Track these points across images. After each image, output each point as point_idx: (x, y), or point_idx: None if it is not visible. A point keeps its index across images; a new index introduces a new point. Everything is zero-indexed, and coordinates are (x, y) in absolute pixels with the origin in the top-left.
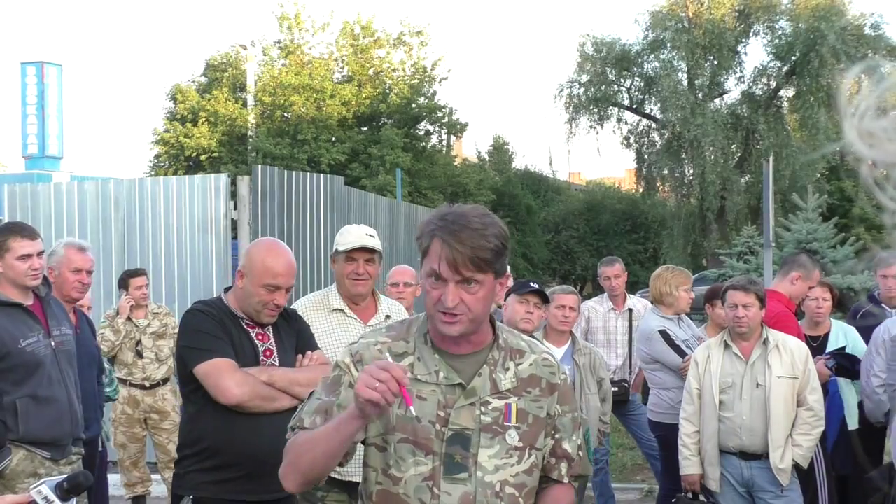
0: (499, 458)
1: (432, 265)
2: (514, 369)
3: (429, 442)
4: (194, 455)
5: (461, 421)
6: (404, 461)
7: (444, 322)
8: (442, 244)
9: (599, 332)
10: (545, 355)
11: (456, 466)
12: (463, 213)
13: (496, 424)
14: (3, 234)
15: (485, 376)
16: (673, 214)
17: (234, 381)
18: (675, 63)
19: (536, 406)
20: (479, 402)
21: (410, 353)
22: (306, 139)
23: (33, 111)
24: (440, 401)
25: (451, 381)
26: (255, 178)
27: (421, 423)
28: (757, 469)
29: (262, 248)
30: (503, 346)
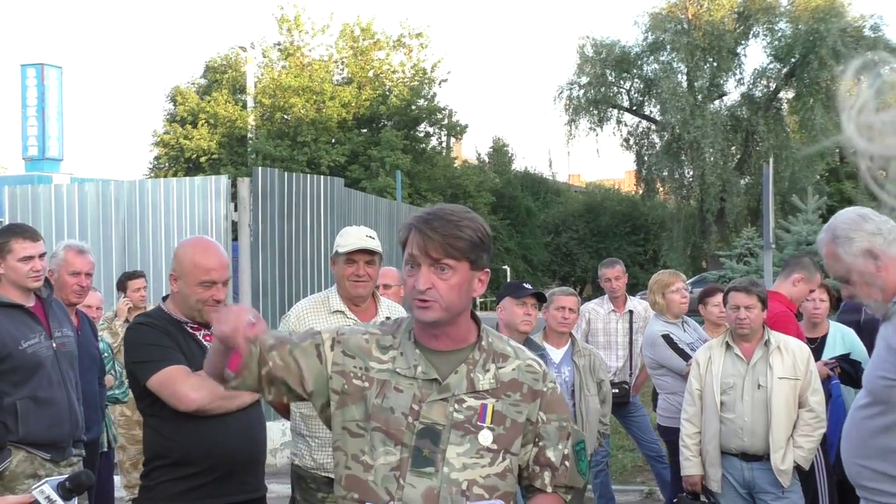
0: (468, 457)
1: (408, 251)
2: (494, 371)
3: (399, 433)
4: (163, 467)
5: (432, 415)
6: (376, 449)
7: (419, 307)
8: (417, 232)
9: (600, 333)
10: (530, 362)
11: (423, 460)
12: (441, 208)
13: (468, 423)
14: (4, 236)
15: (461, 374)
16: (673, 216)
17: (189, 386)
18: (674, 65)
19: (515, 410)
20: (454, 398)
21: (395, 347)
22: (306, 141)
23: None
24: (416, 394)
25: (428, 376)
26: (256, 179)
27: (394, 414)
28: (758, 470)
29: (190, 247)
30: (486, 348)
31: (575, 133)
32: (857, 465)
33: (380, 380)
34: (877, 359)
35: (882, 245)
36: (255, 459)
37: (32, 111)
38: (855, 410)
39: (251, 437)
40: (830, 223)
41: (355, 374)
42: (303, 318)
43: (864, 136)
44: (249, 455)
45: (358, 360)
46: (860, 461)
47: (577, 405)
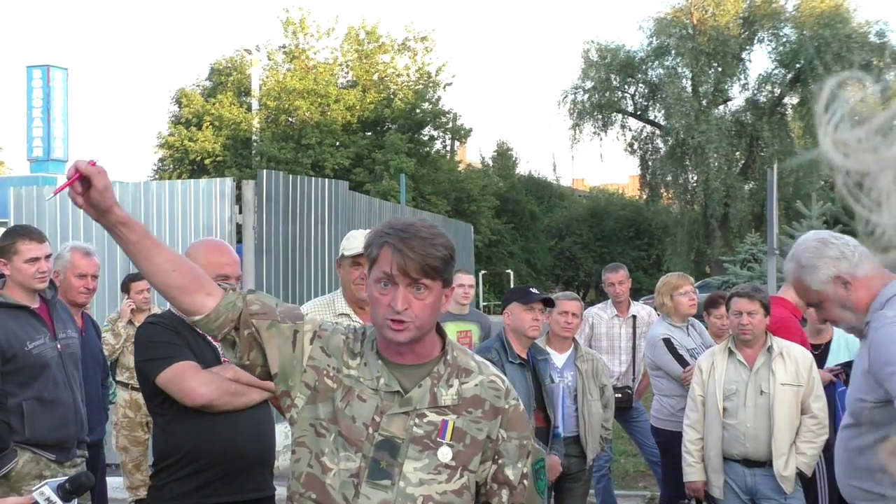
0: (425, 472)
1: (383, 269)
2: (457, 387)
3: (359, 442)
4: (171, 466)
5: (392, 428)
6: (337, 453)
7: (392, 329)
8: (393, 250)
9: (603, 338)
10: (493, 377)
11: (380, 472)
12: (412, 224)
13: (428, 438)
14: (11, 237)
15: (425, 388)
16: (676, 221)
17: (198, 381)
18: (679, 70)
19: (476, 427)
20: (415, 412)
21: (361, 355)
22: (310, 144)
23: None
24: (377, 405)
25: (390, 389)
26: (260, 182)
27: (355, 423)
28: (760, 476)
29: (203, 246)
30: (451, 362)
31: (579, 137)
32: (848, 485)
33: (346, 385)
34: (854, 380)
35: (848, 269)
36: (263, 458)
37: (38, 112)
38: (841, 431)
39: (259, 435)
40: (793, 252)
41: (328, 374)
42: None
43: (840, 152)
44: (258, 454)
45: (333, 360)
46: (851, 481)
47: (580, 410)
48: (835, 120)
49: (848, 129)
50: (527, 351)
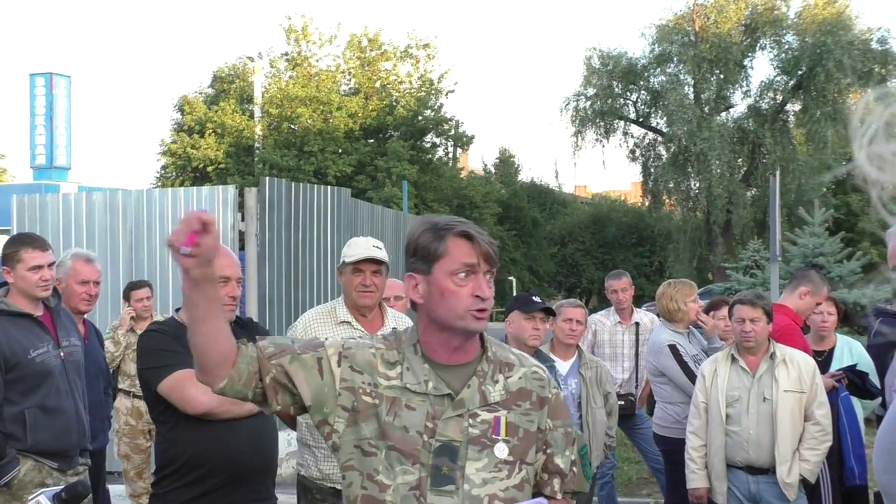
0: (487, 472)
1: (463, 260)
2: (503, 382)
3: (416, 452)
4: (173, 473)
5: (448, 432)
6: (392, 469)
7: (477, 317)
8: (466, 240)
9: (606, 345)
10: (535, 368)
11: (443, 478)
12: (457, 218)
13: (484, 437)
14: (14, 245)
15: (474, 388)
16: (679, 228)
17: (199, 389)
18: (681, 77)
19: (527, 420)
20: (468, 413)
21: (400, 361)
22: (313, 151)
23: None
24: (428, 411)
25: (440, 392)
26: (263, 189)
27: (408, 433)
28: (764, 483)
29: None
30: (492, 358)
31: (581, 144)
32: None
33: (389, 397)
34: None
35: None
36: (265, 467)
37: (41, 120)
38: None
39: (261, 444)
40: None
41: (364, 391)
42: (309, 328)
43: (875, 166)
44: (259, 462)
45: (366, 376)
46: None
47: (584, 417)
48: (869, 133)
49: (883, 142)
50: None
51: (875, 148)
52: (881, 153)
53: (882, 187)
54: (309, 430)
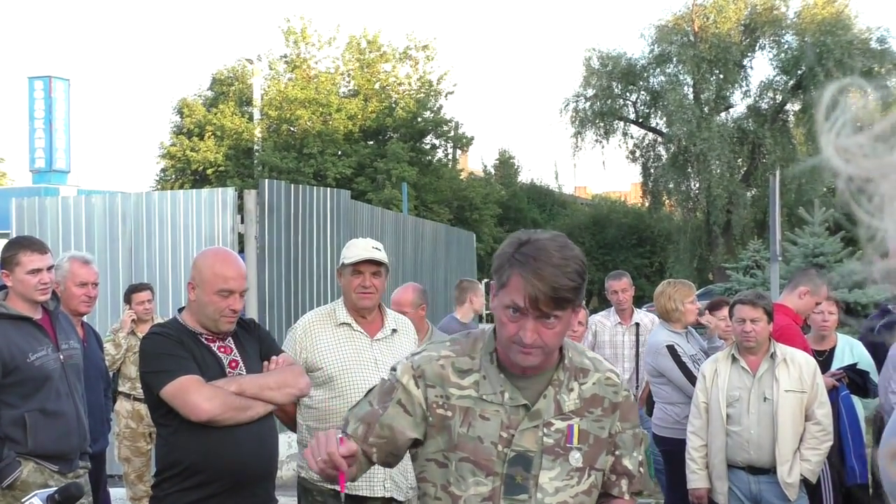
0: (560, 480)
1: (513, 298)
2: (577, 390)
3: (490, 463)
4: (174, 477)
5: (524, 443)
6: (464, 480)
7: (521, 354)
8: (523, 280)
9: (606, 346)
10: (608, 374)
11: (516, 487)
12: (544, 247)
13: (558, 446)
14: (13, 249)
15: (549, 398)
16: (679, 228)
17: (202, 396)
18: (680, 77)
19: (598, 426)
20: (543, 423)
21: (476, 370)
22: (312, 153)
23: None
24: (503, 421)
25: (516, 403)
26: (262, 192)
27: (482, 444)
28: (765, 483)
29: (210, 256)
30: (568, 365)
31: (581, 145)
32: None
33: (462, 407)
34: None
35: None
36: (266, 471)
37: (40, 123)
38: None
39: (263, 448)
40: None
41: (437, 404)
42: (309, 330)
43: (842, 158)
44: (261, 466)
45: (438, 389)
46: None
47: None
48: (836, 126)
49: (849, 135)
50: None
51: (842, 141)
52: (848, 146)
53: (850, 179)
54: (309, 431)
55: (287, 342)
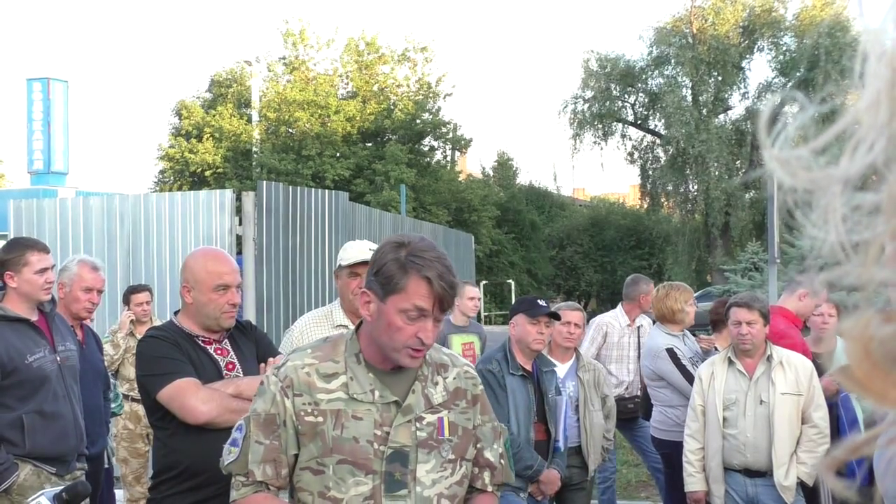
0: (435, 472)
1: (416, 303)
2: (442, 383)
3: (368, 461)
4: (171, 479)
5: (400, 438)
6: (344, 482)
7: (412, 357)
8: (430, 286)
9: (614, 347)
10: (466, 367)
11: (396, 484)
12: (438, 254)
13: (431, 439)
14: (20, 249)
15: (418, 392)
16: (677, 230)
17: (199, 399)
18: (679, 79)
19: (465, 418)
20: (415, 418)
21: (342, 372)
22: (311, 155)
23: (39, 127)
24: (376, 419)
25: (387, 399)
26: (260, 193)
27: (358, 444)
28: (761, 486)
29: (200, 256)
30: (430, 361)
31: (579, 147)
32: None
33: (333, 410)
34: None
35: None
36: None
37: (38, 125)
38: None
39: None
40: None
41: (306, 412)
42: (306, 332)
43: (785, 171)
44: None
45: (305, 397)
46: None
47: (582, 420)
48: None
49: (790, 147)
50: (531, 362)
51: (783, 153)
52: (788, 159)
53: (793, 191)
54: None
55: (284, 344)
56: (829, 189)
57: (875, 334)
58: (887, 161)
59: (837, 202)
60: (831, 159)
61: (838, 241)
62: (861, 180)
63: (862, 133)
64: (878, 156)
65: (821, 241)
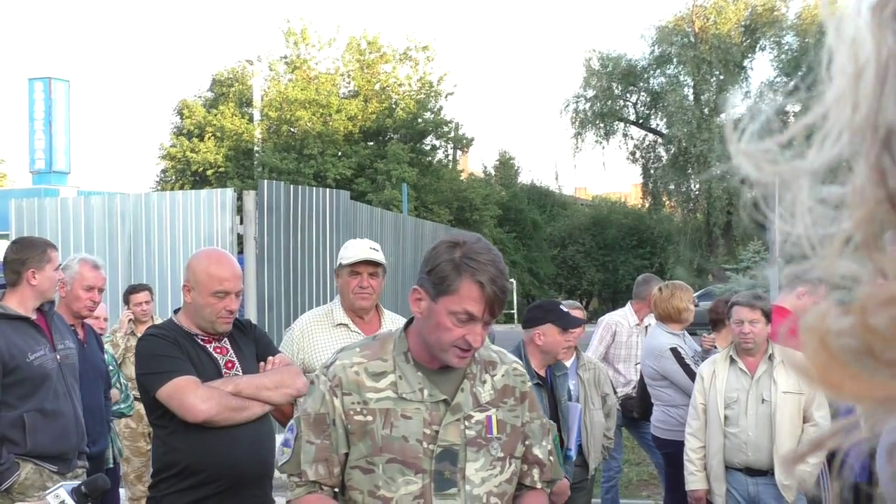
0: (484, 471)
1: (468, 307)
2: (490, 381)
3: (417, 460)
4: (171, 478)
5: (449, 437)
6: (394, 481)
7: (460, 357)
8: (483, 291)
9: (623, 346)
10: (515, 364)
11: (445, 482)
12: (494, 258)
13: (480, 437)
14: (41, 246)
15: (466, 391)
16: (679, 229)
17: (198, 397)
18: (681, 78)
19: (513, 416)
20: (464, 416)
21: (390, 371)
22: (312, 154)
23: (41, 126)
24: (425, 418)
25: (436, 398)
26: (261, 192)
27: (408, 443)
28: (763, 485)
29: (204, 258)
30: (478, 359)
31: (581, 146)
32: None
33: (382, 409)
34: None
35: None
36: (263, 472)
37: (40, 124)
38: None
39: (260, 449)
40: None
41: (355, 410)
42: (307, 331)
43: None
44: (258, 467)
45: (355, 396)
46: None
47: (582, 419)
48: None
49: (755, 140)
50: (545, 368)
51: (749, 147)
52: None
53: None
54: None
55: (284, 343)
56: (795, 182)
57: (832, 327)
58: (852, 155)
59: (804, 195)
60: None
61: (805, 234)
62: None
63: (828, 126)
64: (843, 149)
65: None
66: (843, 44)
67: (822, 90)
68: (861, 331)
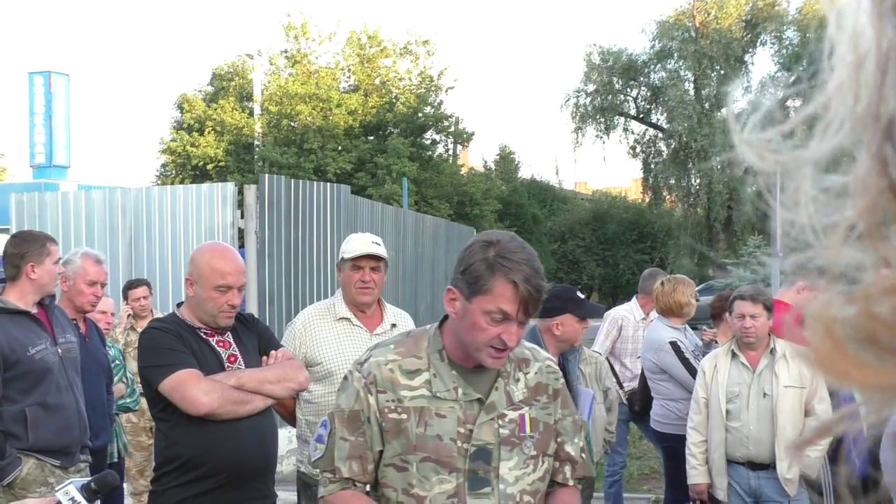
0: (518, 469)
1: (502, 307)
2: (523, 379)
3: (451, 459)
4: (173, 471)
5: (483, 436)
6: (428, 480)
7: (495, 357)
8: (517, 291)
9: (629, 341)
10: (548, 362)
11: (479, 481)
12: (529, 256)
13: (513, 436)
14: (41, 240)
15: (500, 390)
16: (680, 224)
17: (200, 390)
18: (681, 73)
19: (545, 413)
20: (498, 415)
21: (424, 369)
22: (313, 148)
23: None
24: (460, 417)
25: (470, 397)
26: (262, 187)
27: (442, 441)
28: (764, 479)
29: (207, 251)
30: (512, 357)
31: (581, 141)
32: None
33: (416, 408)
34: None
35: None
36: (265, 465)
37: (40, 119)
38: None
39: (262, 442)
40: None
41: (389, 408)
42: (308, 325)
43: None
44: (260, 461)
45: (389, 394)
46: None
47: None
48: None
49: (758, 130)
50: (559, 355)
51: (751, 137)
52: (756, 142)
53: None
54: (309, 426)
55: (286, 337)
56: (798, 171)
57: (837, 315)
58: (854, 144)
59: (807, 184)
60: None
61: (809, 223)
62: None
63: (830, 116)
64: (845, 139)
65: (790, 223)
66: (843, 35)
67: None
68: (865, 319)
